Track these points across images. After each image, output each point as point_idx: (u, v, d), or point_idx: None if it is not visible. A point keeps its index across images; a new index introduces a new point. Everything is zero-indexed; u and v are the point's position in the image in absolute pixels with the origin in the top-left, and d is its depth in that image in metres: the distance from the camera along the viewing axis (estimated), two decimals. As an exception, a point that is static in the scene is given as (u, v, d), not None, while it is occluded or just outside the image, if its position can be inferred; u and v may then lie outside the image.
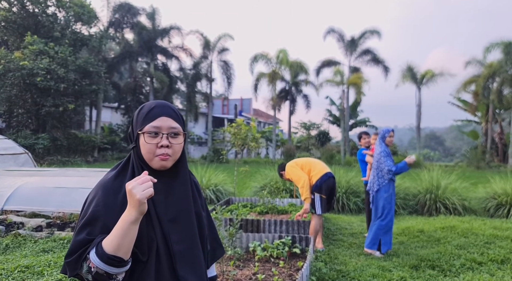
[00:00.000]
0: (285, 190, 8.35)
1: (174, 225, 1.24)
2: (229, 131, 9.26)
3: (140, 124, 1.23)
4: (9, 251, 4.76)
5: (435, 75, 26.37)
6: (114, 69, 28.22)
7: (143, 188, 1.06)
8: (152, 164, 1.22)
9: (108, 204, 1.16)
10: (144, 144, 1.21)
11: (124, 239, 1.07)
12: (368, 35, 28.13)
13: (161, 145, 1.20)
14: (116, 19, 27.55)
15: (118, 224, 1.08)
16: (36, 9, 21.99)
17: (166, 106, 1.28)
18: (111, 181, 1.22)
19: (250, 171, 9.27)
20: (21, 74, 19.24)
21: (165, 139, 1.21)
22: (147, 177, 1.09)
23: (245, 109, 45.52)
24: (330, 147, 30.44)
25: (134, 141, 1.26)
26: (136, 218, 1.07)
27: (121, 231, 1.07)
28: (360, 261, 4.55)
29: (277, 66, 28.59)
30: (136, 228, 1.09)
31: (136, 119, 1.27)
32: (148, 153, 1.21)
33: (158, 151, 1.21)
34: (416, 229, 6.23)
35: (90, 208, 1.17)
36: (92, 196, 1.22)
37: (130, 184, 1.07)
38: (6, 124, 22.58)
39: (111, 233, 1.09)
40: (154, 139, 1.21)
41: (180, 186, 1.29)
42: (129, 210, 1.07)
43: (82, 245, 1.11)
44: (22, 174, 6.71)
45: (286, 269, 3.93)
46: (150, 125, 1.21)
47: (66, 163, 20.18)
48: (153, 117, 1.23)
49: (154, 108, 1.25)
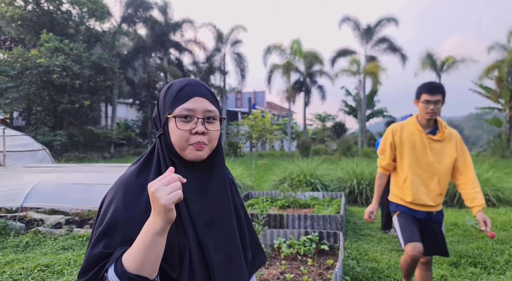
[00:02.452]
0: (306, 183, 8.09)
1: (211, 230, 1.01)
2: (246, 123, 9.05)
3: (170, 106, 1.00)
4: (29, 249, 4.66)
5: (456, 61, 25.51)
6: (128, 64, 28.27)
7: (169, 191, 0.84)
8: (185, 155, 1.00)
9: (129, 208, 0.94)
10: (175, 130, 0.98)
11: (149, 254, 0.85)
12: (384, 23, 27.36)
13: (195, 131, 0.98)
14: (129, 14, 27.53)
15: (141, 235, 0.86)
16: (50, 6, 22.10)
17: (200, 85, 1.05)
18: (133, 179, 0.99)
19: (268, 164, 9.04)
20: (38, 72, 19.40)
21: (200, 125, 0.99)
22: (174, 176, 0.87)
23: (258, 102, 45.21)
24: (346, 138, 29.91)
25: (162, 127, 1.02)
26: (163, 228, 0.85)
27: (145, 245, 0.84)
28: (393, 258, 4.28)
29: (291, 57, 28.15)
30: (163, 240, 0.87)
31: (164, 101, 1.03)
32: (180, 141, 0.99)
33: (192, 138, 0.99)
34: (449, 222, 5.89)
35: (108, 213, 0.94)
36: (110, 197, 0.99)
37: (153, 186, 0.84)
38: (25, 121, 22.91)
39: (132, 247, 0.87)
40: (187, 124, 0.99)
41: (217, 182, 1.06)
42: (154, 218, 0.85)
43: (98, 260, 0.89)
44: (40, 171, 6.64)
45: (315, 268, 3.69)
46: (182, 107, 0.99)
47: (83, 159, 20.35)
48: (185, 98, 1.00)
49: (185, 86, 1.02)
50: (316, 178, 8.48)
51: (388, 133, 2.81)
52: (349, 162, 9.07)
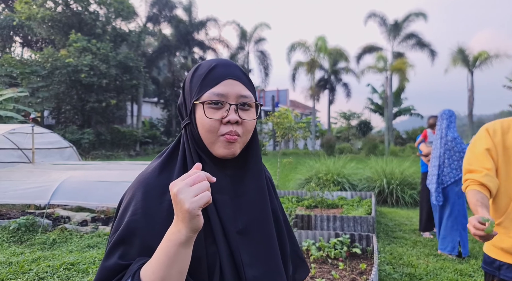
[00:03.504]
0: (333, 182, 7.84)
1: (245, 239, 0.84)
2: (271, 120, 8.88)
3: (197, 91, 0.83)
4: (56, 246, 4.67)
5: (490, 56, 24.38)
6: (153, 64, 28.63)
7: (195, 192, 0.68)
8: (214, 150, 0.83)
9: (149, 212, 0.78)
10: (203, 119, 0.82)
11: (171, 269, 0.69)
12: (412, 18, 26.50)
13: (227, 120, 0.81)
14: (154, 13, 27.86)
15: (162, 246, 0.71)
16: (79, 7, 22.62)
17: (232, 65, 0.87)
18: (154, 177, 0.83)
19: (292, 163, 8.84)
20: (67, 71, 19.89)
21: (233, 112, 0.82)
22: (201, 174, 0.70)
23: (281, 100, 44.88)
24: (372, 137, 29.20)
25: (188, 116, 0.85)
26: (187, 237, 0.69)
27: (167, 258, 0.69)
28: (430, 263, 4.00)
29: (316, 54, 27.71)
30: (189, 252, 0.71)
31: (190, 85, 0.86)
32: (209, 132, 0.82)
33: (223, 128, 0.82)
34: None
35: (125, 217, 0.79)
36: (128, 198, 0.83)
37: (176, 186, 0.68)
38: (55, 120, 23.60)
39: (152, 259, 0.72)
40: (217, 111, 0.82)
41: (252, 182, 0.88)
42: (177, 226, 0.70)
43: (112, 274, 0.74)
44: (67, 168, 6.70)
45: (347, 272, 3.48)
46: (211, 92, 0.82)
47: (110, 157, 20.74)
48: (215, 81, 0.83)
49: (215, 67, 0.85)
50: (343, 177, 8.21)
51: (483, 134, 1.76)
52: (378, 161, 8.74)
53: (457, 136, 4.26)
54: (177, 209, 0.68)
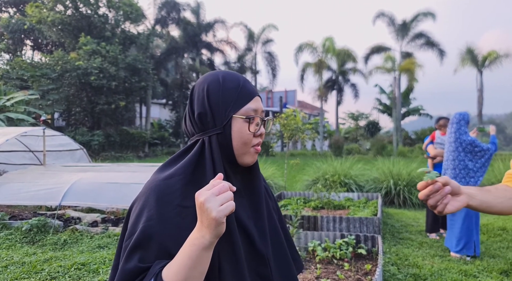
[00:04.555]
0: (340, 184, 7.86)
1: (260, 231, 0.97)
2: (278, 122, 8.93)
3: (234, 105, 0.90)
4: (67, 246, 4.78)
5: (499, 56, 24.12)
6: (161, 65, 28.89)
7: (221, 201, 0.74)
8: (244, 159, 0.93)
9: (164, 217, 0.83)
10: (244, 132, 0.90)
11: (194, 271, 0.76)
12: (421, 18, 26.35)
13: (260, 133, 0.94)
14: (162, 16, 28.11)
15: (186, 250, 0.77)
16: (88, 10, 22.94)
17: (251, 83, 0.97)
18: (171, 182, 0.88)
19: (300, 163, 8.87)
20: (77, 74, 20.19)
21: (262, 126, 0.95)
22: (225, 185, 0.77)
23: (289, 101, 44.88)
24: (380, 137, 29.07)
25: (221, 127, 0.90)
26: (211, 242, 0.76)
27: (190, 261, 0.75)
28: (436, 264, 4.02)
29: (323, 55, 27.71)
30: (210, 254, 0.78)
31: (222, 96, 0.91)
32: (245, 144, 0.91)
33: (254, 140, 0.93)
34: (497, 226, 5.50)
35: (140, 223, 0.84)
36: (141, 203, 0.88)
37: (202, 195, 0.75)
38: (65, 122, 23.95)
39: (175, 262, 0.77)
40: (252, 125, 0.92)
41: (257, 184, 0.99)
42: (201, 232, 0.76)
43: (133, 275, 0.80)
44: (78, 170, 6.83)
45: (352, 273, 3.52)
46: (248, 107, 0.91)
47: (119, 158, 20.97)
48: (249, 96, 0.92)
49: (245, 83, 0.94)
50: (350, 178, 8.22)
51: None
52: (385, 162, 8.73)
53: (475, 139, 4.29)
54: (203, 216, 0.74)
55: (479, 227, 4.39)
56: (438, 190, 0.90)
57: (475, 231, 4.32)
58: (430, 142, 5.47)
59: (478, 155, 4.26)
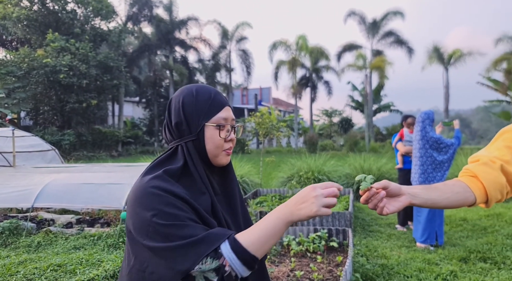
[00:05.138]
0: (314, 180, 8.09)
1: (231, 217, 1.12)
2: (253, 120, 9.06)
3: (205, 115, 1.04)
4: (41, 248, 4.73)
5: (463, 54, 25.21)
6: (134, 63, 28.38)
7: (325, 203, 0.89)
8: (217, 161, 1.07)
9: (178, 207, 0.94)
10: (215, 138, 1.05)
11: (272, 238, 0.91)
12: (390, 17, 27.11)
13: (230, 139, 1.08)
14: (134, 13, 27.60)
15: (271, 220, 0.92)
16: (56, 6, 22.22)
17: (223, 95, 1.13)
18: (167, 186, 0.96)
19: (275, 161, 9.03)
20: (45, 72, 19.56)
21: (232, 132, 1.09)
22: (335, 191, 0.91)
23: (264, 98, 45.15)
24: (353, 133, 29.73)
25: (195, 134, 1.04)
26: (292, 221, 0.92)
27: (273, 229, 0.91)
28: (402, 254, 4.27)
29: (297, 52, 28.03)
30: (285, 230, 0.94)
31: (195, 107, 1.04)
32: (217, 148, 1.06)
33: (225, 145, 1.08)
34: (458, 217, 5.86)
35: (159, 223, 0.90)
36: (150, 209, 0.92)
37: (315, 191, 0.90)
38: (33, 121, 23.15)
39: (255, 229, 0.93)
40: (222, 132, 1.06)
41: (231, 184, 1.15)
42: (290, 209, 0.92)
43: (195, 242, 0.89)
44: (50, 171, 6.71)
45: (325, 265, 3.70)
46: (219, 116, 1.05)
47: (92, 158, 20.52)
48: (219, 107, 1.07)
49: (216, 95, 1.08)
50: (324, 174, 8.46)
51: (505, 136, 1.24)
52: (357, 158, 9.04)
53: (440, 136, 4.58)
54: (304, 203, 0.89)
55: (443, 218, 4.70)
56: (374, 195, 1.01)
57: (439, 222, 4.62)
58: (399, 140, 5.74)
59: (443, 150, 4.57)
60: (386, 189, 1.01)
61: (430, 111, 4.77)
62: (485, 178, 1.11)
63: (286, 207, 0.92)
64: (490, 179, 1.11)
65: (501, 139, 1.20)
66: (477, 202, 1.12)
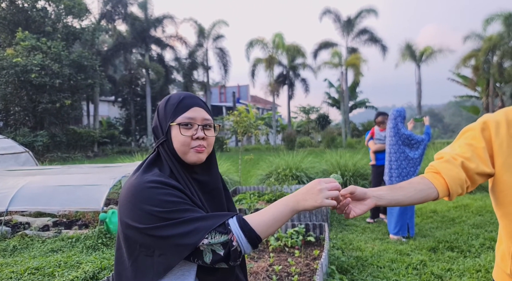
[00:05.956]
0: (292, 177, 8.24)
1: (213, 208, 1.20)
2: (231, 119, 9.11)
3: (172, 116, 1.13)
4: (17, 252, 4.66)
5: (434, 51, 26.05)
6: (109, 62, 27.83)
7: (329, 195, 1.01)
8: (187, 158, 1.12)
9: (177, 195, 1.04)
10: (178, 136, 1.11)
11: (277, 223, 1.01)
12: (364, 14, 27.68)
13: (196, 136, 1.12)
14: (108, 10, 27.03)
15: (278, 206, 1.02)
16: (25, 4, 21.50)
17: (196, 97, 1.19)
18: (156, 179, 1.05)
19: (254, 158, 9.14)
20: (15, 72, 18.93)
21: (200, 131, 1.13)
22: (338, 186, 1.04)
23: (242, 96, 45.17)
24: (330, 130, 30.22)
25: (164, 135, 1.13)
26: (298, 210, 1.02)
27: (280, 215, 1.01)
28: (376, 246, 4.46)
29: (274, 50, 28.20)
30: (290, 217, 1.03)
31: (165, 111, 1.15)
32: (183, 146, 1.11)
33: (193, 143, 1.12)
34: (429, 209, 6.14)
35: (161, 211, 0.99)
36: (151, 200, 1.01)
37: (321, 184, 1.01)
38: (3, 122, 22.36)
39: (263, 213, 1.02)
40: (189, 131, 1.12)
41: (214, 184, 1.20)
42: (296, 198, 1.02)
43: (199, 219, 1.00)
44: (25, 174, 6.57)
45: (302, 259, 3.84)
46: (183, 116, 1.12)
47: (67, 159, 20.04)
48: (185, 108, 1.13)
49: (184, 98, 1.16)
50: (301, 171, 8.63)
51: (478, 128, 1.26)
52: (333, 154, 9.25)
53: (411, 133, 4.80)
54: (310, 195, 1.00)
55: (414, 210, 4.93)
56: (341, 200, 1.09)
57: (410, 214, 4.85)
58: (371, 138, 5.95)
59: (414, 146, 4.80)
60: (353, 193, 1.12)
61: (402, 109, 4.99)
62: (447, 174, 1.21)
63: (294, 197, 1.02)
64: (452, 175, 1.20)
65: (463, 137, 1.31)
66: (440, 197, 1.23)
